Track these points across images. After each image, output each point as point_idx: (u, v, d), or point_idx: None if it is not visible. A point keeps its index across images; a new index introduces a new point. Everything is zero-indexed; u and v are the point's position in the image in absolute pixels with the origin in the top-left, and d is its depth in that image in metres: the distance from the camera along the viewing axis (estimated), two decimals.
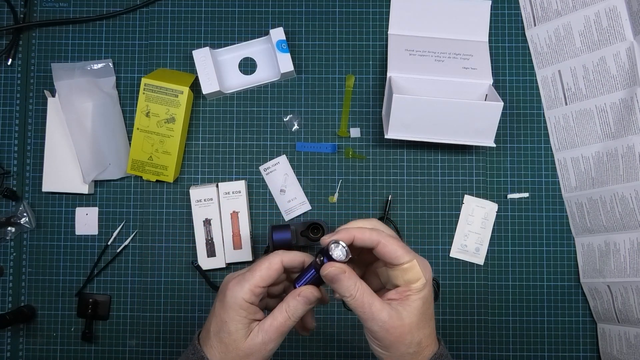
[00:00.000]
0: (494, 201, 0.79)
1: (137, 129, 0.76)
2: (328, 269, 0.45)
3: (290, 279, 0.52)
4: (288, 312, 0.46)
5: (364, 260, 0.51)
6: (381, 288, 0.49)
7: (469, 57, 0.78)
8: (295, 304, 0.46)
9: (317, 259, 0.47)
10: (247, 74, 0.80)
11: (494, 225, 0.79)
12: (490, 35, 0.80)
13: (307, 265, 0.48)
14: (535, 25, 0.79)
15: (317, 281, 0.47)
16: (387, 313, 0.44)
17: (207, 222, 0.77)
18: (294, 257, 0.48)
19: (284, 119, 0.80)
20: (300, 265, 0.49)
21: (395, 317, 0.44)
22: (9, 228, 0.78)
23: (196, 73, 0.77)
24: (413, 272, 0.45)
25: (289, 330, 0.47)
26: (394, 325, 0.44)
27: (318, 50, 0.81)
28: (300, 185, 0.79)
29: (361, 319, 0.45)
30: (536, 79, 0.80)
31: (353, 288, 0.44)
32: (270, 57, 0.80)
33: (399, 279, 0.45)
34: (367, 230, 0.46)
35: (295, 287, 0.48)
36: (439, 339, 0.49)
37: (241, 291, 0.45)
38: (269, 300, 0.51)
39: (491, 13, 0.80)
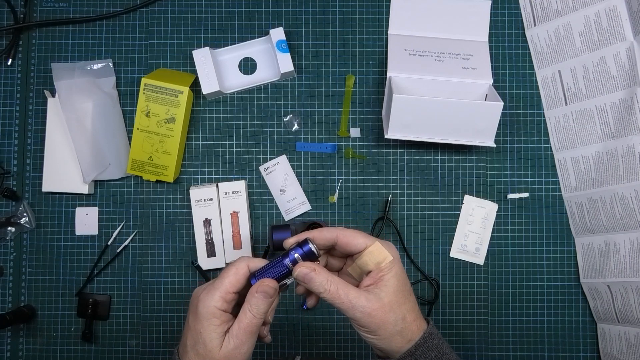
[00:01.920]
0: (494, 201, 0.79)
1: (137, 129, 0.76)
2: (298, 269, 0.46)
3: None
4: (251, 311, 0.46)
5: (331, 267, 0.53)
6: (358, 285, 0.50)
7: (469, 57, 0.78)
8: (256, 301, 0.47)
9: (282, 258, 0.48)
10: (247, 74, 0.80)
11: (494, 225, 0.79)
12: (490, 35, 0.80)
13: (272, 261, 0.49)
14: (535, 25, 0.79)
15: (278, 278, 0.48)
16: (365, 297, 0.45)
17: (207, 222, 0.77)
18: (260, 262, 0.49)
19: (284, 119, 0.80)
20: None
21: (373, 300, 0.45)
22: (9, 228, 0.78)
23: (196, 73, 0.77)
24: (378, 253, 0.47)
25: (258, 329, 0.48)
26: (375, 307, 0.45)
27: (318, 50, 0.81)
28: (300, 185, 0.79)
29: (342, 310, 0.46)
30: (536, 79, 0.80)
31: (326, 283, 0.46)
32: (270, 57, 0.80)
33: (368, 265, 0.47)
34: (325, 229, 0.48)
35: (251, 282, 0.48)
36: (427, 319, 0.50)
37: (212, 300, 0.46)
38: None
39: (491, 13, 0.80)
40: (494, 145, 0.73)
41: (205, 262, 0.77)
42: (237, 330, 0.46)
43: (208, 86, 0.77)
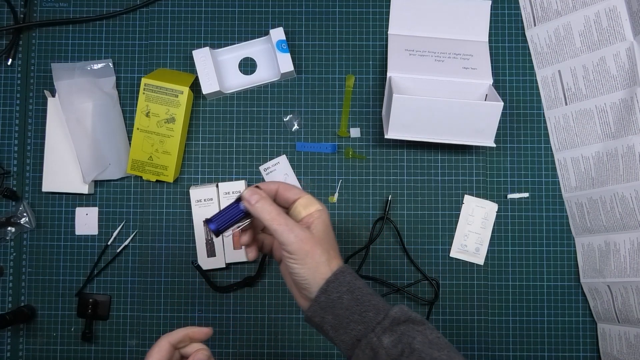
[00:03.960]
0: (494, 201, 0.79)
1: (137, 129, 0.76)
2: (247, 192, 0.51)
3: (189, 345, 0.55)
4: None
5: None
6: None
7: (469, 57, 0.78)
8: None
9: (236, 203, 0.52)
10: (247, 74, 0.80)
11: (494, 225, 0.79)
12: (490, 35, 0.80)
13: (228, 205, 0.53)
14: (535, 25, 0.79)
15: (233, 221, 0.52)
16: (301, 228, 0.50)
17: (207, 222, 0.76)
18: (178, 334, 0.52)
19: (284, 119, 0.80)
20: (186, 339, 0.53)
21: (308, 232, 0.50)
22: (9, 228, 0.78)
23: (196, 73, 0.77)
24: (310, 201, 0.53)
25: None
26: (308, 237, 0.50)
27: (318, 50, 0.81)
28: (300, 185, 0.79)
29: (280, 236, 0.49)
30: (536, 79, 0.80)
31: (270, 207, 0.51)
32: (270, 57, 0.80)
33: (301, 212, 0.52)
34: (269, 182, 0.54)
35: (207, 226, 0.52)
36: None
37: None
38: None
39: (491, 13, 0.80)
40: (494, 145, 0.73)
41: (205, 262, 0.77)
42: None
43: (208, 86, 0.77)
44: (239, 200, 0.52)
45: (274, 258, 0.58)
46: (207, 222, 0.52)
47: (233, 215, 0.52)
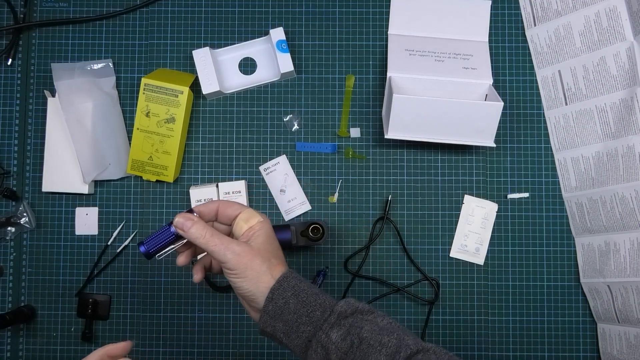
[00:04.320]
0: (494, 201, 0.79)
1: (137, 129, 0.76)
2: (177, 217, 0.51)
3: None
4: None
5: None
6: None
7: (469, 57, 0.78)
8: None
9: (168, 226, 0.53)
10: (247, 74, 0.80)
11: (494, 225, 0.79)
12: (490, 35, 0.80)
13: (159, 229, 0.54)
14: (535, 25, 0.79)
15: (164, 244, 0.54)
16: (236, 243, 0.51)
17: (138, 245, 0.76)
18: (114, 348, 0.53)
19: (284, 119, 0.80)
20: (122, 350, 0.53)
21: (245, 246, 0.51)
22: (9, 228, 0.78)
23: (196, 73, 0.77)
24: (250, 215, 0.53)
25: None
26: (245, 250, 0.50)
27: (318, 50, 0.81)
28: (300, 185, 0.79)
29: (216, 254, 0.50)
30: (536, 79, 0.80)
31: (203, 230, 0.51)
32: (270, 57, 0.80)
33: (243, 227, 0.53)
34: (207, 203, 0.54)
35: (140, 249, 0.53)
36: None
37: None
38: None
39: (491, 13, 0.80)
40: (494, 145, 0.73)
41: None
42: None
43: (208, 86, 0.77)
44: (170, 223, 0.53)
45: (214, 272, 0.58)
46: (139, 244, 0.54)
47: (164, 238, 0.53)
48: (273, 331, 0.50)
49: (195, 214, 0.53)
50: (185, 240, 0.53)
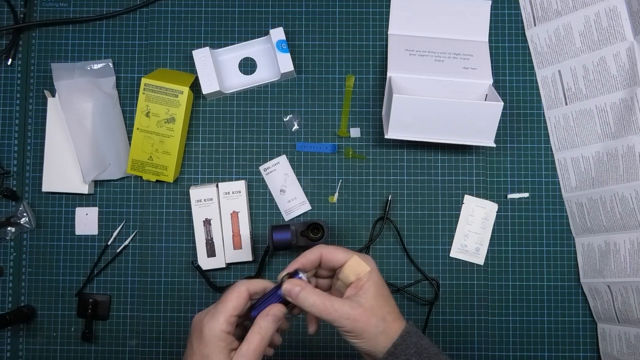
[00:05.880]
0: (494, 201, 0.79)
1: (137, 129, 0.76)
2: (286, 285, 0.51)
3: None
4: (260, 333, 0.49)
5: (321, 288, 0.57)
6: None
7: (469, 57, 0.78)
8: (266, 324, 0.50)
9: (276, 289, 0.52)
10: (247, 74, 0.80)
11: (494, 225, 0.79)
12: (490, 35, 0.80)
13: (267, 292, 0.53)
14: (535, 25, 0.79)
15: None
16: (349, 305, 0.50)
17: (207, 222, 0.77)
18: (257, 284, 0.52)
19: (284, 119, 0.80)
20: (262, 292, 0.53)
21: (356, 306, 0.50)
22: (9, 228, 0.78)
23: (196, 73, 0.77)
24: (357, 265, 0.52)
25: (264, 350, 0.50)
26: (358, 313, 0.49)
27: (318, 50, 0.81)
28: (300, 185, 0.79)
29: (331, 322, 0.50)
30: (536, 79, 0.80)
31: (314, 299, 0.50)
32: (270, 57, 0.80)
33: (349, 277, 0.52)
34: (308, 251, 0.53)
35: (252, 314, 0.52)
36: (407, 320, 0.53)
37: (217, 323, 0.49)
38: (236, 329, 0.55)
39: (491, 13, 0.80)
40: (494, 145, 0.73)
41: (205, 262, 0.77)
42: (247, 351, 0.48)
43: (208, 86, 0.77)
44: (279, 287, 0.52)
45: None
46: (251, 309, 0.52)
47: (274, 301, 0.52)
48: None
49: (301, 275, 0.52)
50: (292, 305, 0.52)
